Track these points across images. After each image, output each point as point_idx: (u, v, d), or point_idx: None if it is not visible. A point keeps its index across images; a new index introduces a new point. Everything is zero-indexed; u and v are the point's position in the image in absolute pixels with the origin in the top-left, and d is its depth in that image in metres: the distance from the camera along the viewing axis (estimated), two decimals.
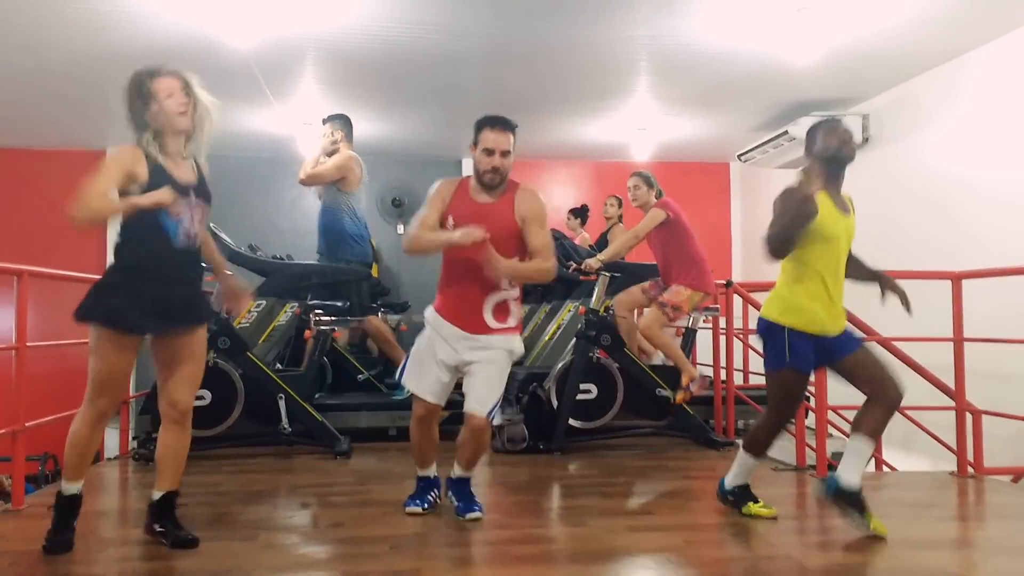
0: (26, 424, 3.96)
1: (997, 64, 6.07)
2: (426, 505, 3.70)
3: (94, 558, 3.17)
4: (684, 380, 5.42)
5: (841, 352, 3.47)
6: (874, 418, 3.41)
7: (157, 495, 3.20)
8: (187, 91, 3.09)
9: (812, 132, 3.57)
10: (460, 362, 3.52)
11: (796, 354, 3.43)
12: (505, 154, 3.54)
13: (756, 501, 3.67)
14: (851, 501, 3.33)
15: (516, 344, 3.62)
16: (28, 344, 4.02)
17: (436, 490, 3.76)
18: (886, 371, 3.46)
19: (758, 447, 3.64)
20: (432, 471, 3.76)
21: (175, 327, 3.11)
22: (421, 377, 3.57)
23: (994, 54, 6.09)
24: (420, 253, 3.56)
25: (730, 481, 3.73)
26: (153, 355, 3.16)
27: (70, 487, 3.13)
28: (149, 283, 3.03)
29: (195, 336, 3.18)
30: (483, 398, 3.48)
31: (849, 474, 3.35)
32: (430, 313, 3.61)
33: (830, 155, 3.48)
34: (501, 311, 3.52)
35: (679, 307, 5.41)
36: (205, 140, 3.17)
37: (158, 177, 3.02)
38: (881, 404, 3.42)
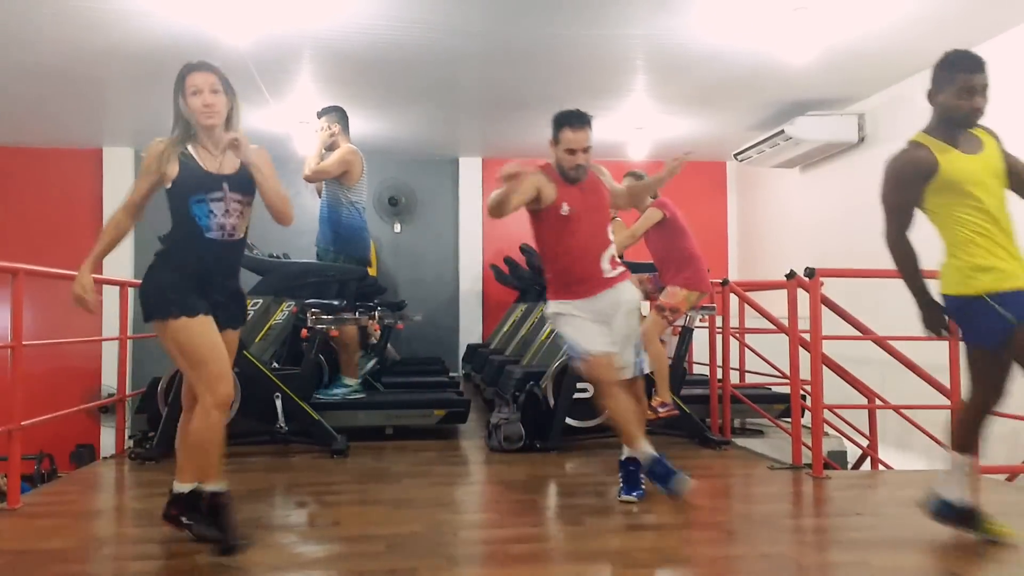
0: (22, 423, 3.95)
1: (992, 63, 6.06)
2: (640, 491, 3.81)
3: (90, 556, 3.17)
4: (655, 401, 5.33)
5: None
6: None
7: (184, 489, 3.10)
8: (216, 88, 3.08)
9: (943, 72, 3.16)
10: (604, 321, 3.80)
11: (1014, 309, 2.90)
12: (586, 150, 3.74)
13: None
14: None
15: (633, 291, 3.94)
16: (24, 343, 4.01)
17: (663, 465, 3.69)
18: None
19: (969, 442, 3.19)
20: (644, 450, 3.68)
21: (218, 322, 3.08)
22: (587, 336, 3.72)
23: (990, 53, 6.08)
24: (501, 208, 3.67)
25: (954, 495, 3.22)
26: None
27: (213, 485, 3.08)
28: (191, 273, 3.05)
29: (232, 334, 3.19)
30: (626, 357, 3.85)
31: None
32: (556, 304, 3.83)
33: (955, 117, 3.13)
34: (613, 263, 3.86)
35: (677, 308, 5.41)
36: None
37: (188, 169, 3.06)
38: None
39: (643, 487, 3.85)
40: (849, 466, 6.21)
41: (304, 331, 5.57)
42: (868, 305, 5.60)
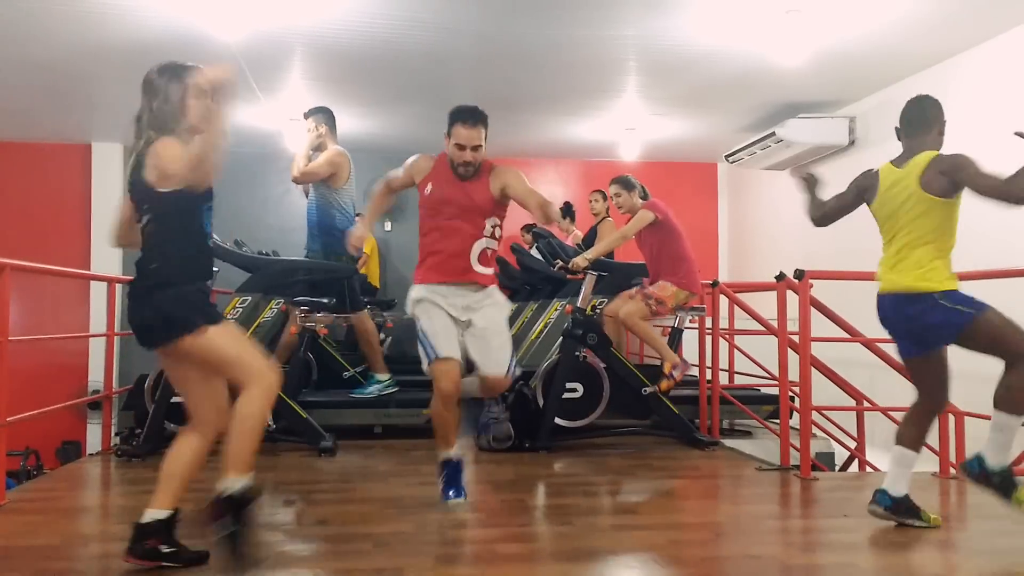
0: (8, 419, 3.92)
1: (984, 68, 6.11)
2: (465, 494, 3.74)
3: (75, 554, 3.15)
4: (666, 368, 5.37)
5: None
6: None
7: (164, 515, 2.85)
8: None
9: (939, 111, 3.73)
10: (462, 320, 3.69)
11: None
12: (476, 148, 3.65)
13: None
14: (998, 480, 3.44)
15: (502, 296, 3.87)
16: (10, 339, 3.98)
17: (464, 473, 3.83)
18: None
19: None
20: (457, 451, 3.78)
21: None
22: (442, 338, 3.61)
23: (981, 58, 6.13)
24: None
25: (898, 489, 3.53)
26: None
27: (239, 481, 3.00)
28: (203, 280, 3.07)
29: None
30: (499, 359, 3.71)
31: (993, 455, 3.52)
32: (419, 289, 3.73)
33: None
34: (485, 258, 3.73)
35: (663, 301, 5.40)
36: None
37: None
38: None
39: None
40: (837, 468, 6.23)
41: (293, 329, 5.55)
42: (857, 307, 5.59)
